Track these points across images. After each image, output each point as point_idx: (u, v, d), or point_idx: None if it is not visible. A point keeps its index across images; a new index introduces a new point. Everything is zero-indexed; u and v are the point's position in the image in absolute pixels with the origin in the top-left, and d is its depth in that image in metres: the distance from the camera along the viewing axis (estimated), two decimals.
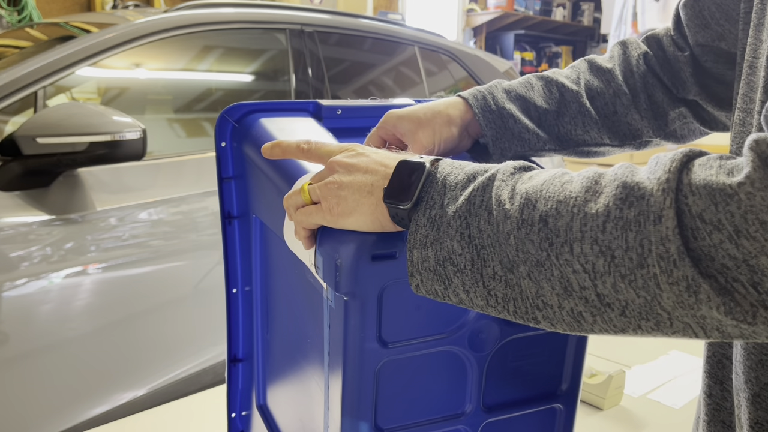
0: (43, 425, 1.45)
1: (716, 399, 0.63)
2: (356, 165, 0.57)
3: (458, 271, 0.50)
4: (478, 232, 0.48)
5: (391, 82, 2.56)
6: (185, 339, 1.70)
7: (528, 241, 0.46)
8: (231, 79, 2.20)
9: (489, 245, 0.48)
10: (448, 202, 0.51)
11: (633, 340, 1.45)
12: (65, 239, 1.48)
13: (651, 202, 0.41)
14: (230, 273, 0.86)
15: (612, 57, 0.81)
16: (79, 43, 1.70)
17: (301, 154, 0.63)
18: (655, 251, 0.40)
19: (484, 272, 0.48)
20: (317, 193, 0.58)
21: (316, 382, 0.68)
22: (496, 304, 0.49)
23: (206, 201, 1.76)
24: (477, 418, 0.67)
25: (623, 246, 0.42)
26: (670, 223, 0.40)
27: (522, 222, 0.46)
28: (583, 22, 7.04)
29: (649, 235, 0.41)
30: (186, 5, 2.02)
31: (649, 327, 0.43)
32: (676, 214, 0.40)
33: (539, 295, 0.46)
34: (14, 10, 3.29)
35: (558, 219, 0.45)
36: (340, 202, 0.56)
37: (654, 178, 0.42)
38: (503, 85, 0.77)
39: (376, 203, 0.55)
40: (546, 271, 0.45)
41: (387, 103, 0.83)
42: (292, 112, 0.81)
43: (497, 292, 0.48)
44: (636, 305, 0.42)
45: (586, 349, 0.71)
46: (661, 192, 0.41)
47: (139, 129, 1.51)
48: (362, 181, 0.56)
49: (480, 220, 0.49)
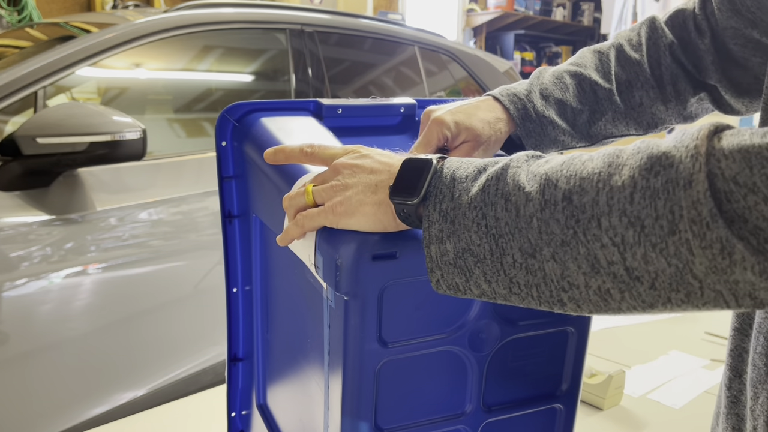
0: (43, 425, 1.45)
1: (734, 392, 0.64)
2: (361, 166, 0.57)
3: (479, 262, 0.49)
4: (495, 221, 0.48)
5: (391, 82, 2.56)
6: (185, 339, 1.70)
7: (552, 220, 0.46)
8: (231, 79, 2.20)
9: (507, 233, 0.48)
10: (460, 194, 0.51)
11: (633, 340, 1.45)
12: (65, 239, 1.48)
13: (680, 168, 0.41)
14: (230, 272, 0.86)
15: (640, 45, 0.81)
16: (79, 43, 1.70)
17: (304, 157, 0.63)
18: (686, 216, 0.40)
19: (503, 261, 0.48)
20: (322, 195, 0.58)
21: (316, 382, 0.68)
22: (519, 291, 0.49)
23: (206, 201, 1.76)
24: (477, 418, 0.67)
25: (653, 215, 0.42)
26: (701, 187, 0.40)
27: (545, 203, 0.46)
28: (583, 22, 7.03)
29: (680, 201, 0.40)
30: (186, 5, 2.02)
31: (679, 299, 0.43)
32: (707, 177, 0.40)
33: (564, 276, 0.46)
34: (14, 10, 3.29)
35: (583, 195, 0.45)
36: (343, 202, 0.56)
37: (682, 146, 0.42)
38: (539, 87, 0.77)
39: (380, 202, 0.55)
40: (572, 250, 0.45)
41: (388, 103, 0.83)
42: (293, 111, 0.81)
43: (519, 279, 0.48)
44: (666, 276, 0.42)
45: (587, 349, 0.71)
46: (690, 158, 0.41)
47: (139, 129, 1.51)
48: (367, 181, 0.56)
49: (497, 208, 0.48)
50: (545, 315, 0.67)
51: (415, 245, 0.57)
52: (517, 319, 0.66)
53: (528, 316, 0.66)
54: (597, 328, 1.50)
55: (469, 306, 0.63)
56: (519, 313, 0.66)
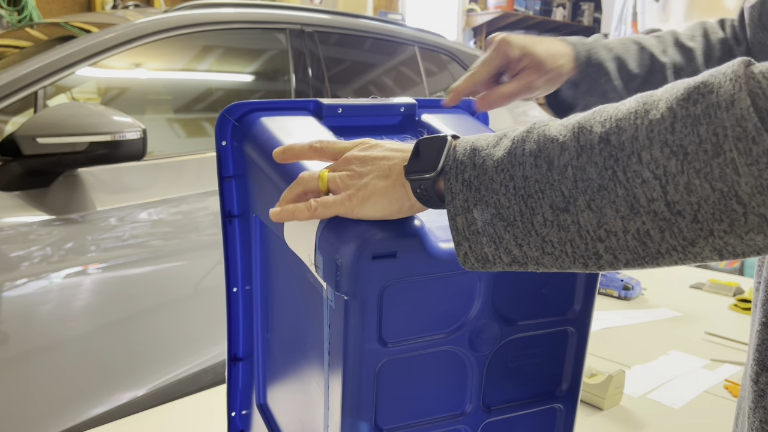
0: (43, 425, 1.45)
1: (762, 385, 0.64)
2: (372, 155, 0.57)
3: (508, 225, 0.49)
4: (523, 180, 0.48)
5: (391, 82, 2.56)
6: (185, 339, 1.70)
7: (590, 164, 0.46)
8: (231, 79, 2.20)
9: (537, 191, 0.48)
10: (483, 161, 0.51)
11: (633, 340, 1.45)
12: (65, 239, 1.48)
13: (720, 92, 0.42)
14: (230, 272, 0.86)
15: (694, 37, 0.84)
16: (79, 43, 1.70)
17: (314, 153, 0.63)
18: (731, 135, 0.41)
19: (534, 221, 0.48)
20: (336, 182, 0.58)
21: (316, 382, 0.68)
22: (552, 250, 0.48)
23: (206, 201, 1.76)
24: (477, 418, 0.67)
25: (696, 141, 0.42)
26: (743, 104, 0.41)
27: (581, 149, 0.46)
28: (583, 22, 7.03)
29: (723, 122, 0.41)
30: (186, 5, 2.02)
31: (722, 230, 0.43)
32: (749, 96, 0.41)
33: (601, 225, 0.46)
34: (14, 10, 3.29)
35: (621, 134, 0.45)
36: (360, 189, 0.56)
37: (719, 74, 0.43)
38: (605, 42, 0.79)
39: (394, 183, 0.55)
40: (610, 194, 0.45)
41: (388, 102, 0.83)
42: (293, 111, 0.81)
43: (552, 238, 0.48)
44: (710, 205, 0.42)
45: (587, 349, 0.71)
46: (729, 81, 0.42)
47: (140, 129, 1.51)
48: (380, 167, 0.56)
49: (525, 167, 0.48)
50: (545, 315, 0.67)
51: (415, 244, 0.57)
52: (517, 319, 0.66)
53: (528, 316, 0.66)
54: (597, 328, 1.50)
55: (470, 305, 0.63)
56: (519, 313, 0.66)
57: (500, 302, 0.64)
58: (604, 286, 1.75)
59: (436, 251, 0.59)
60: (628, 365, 1.33)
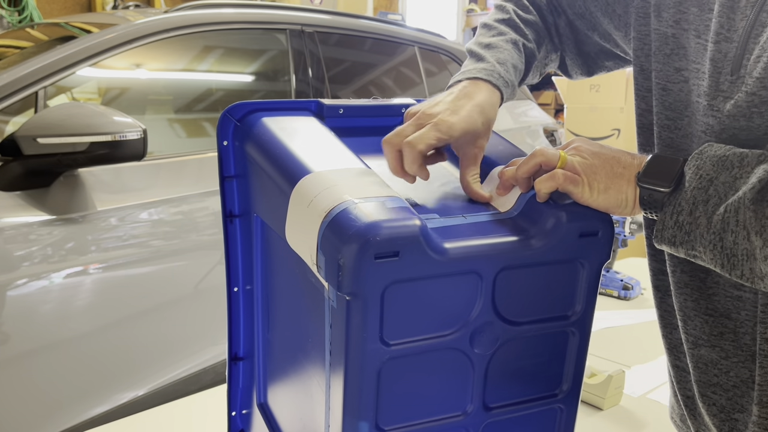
0: (43, 425, 1.45)
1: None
2: (602, 152, 0.63)
3: (706, 263, 0.59)
4: (733, 244, 0.56)
5: (391, 82, 2.56)
6: (185, 339, 1.70)
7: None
8: (231, 79, 2.20)
9: (742, 255, 0.55)
10: (700, 215, 0.58)
11: (633, 340, 1.45)
12: (66, 239, 1.48)
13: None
14: (231, 272, 0.86)
15: (527, 8, 0.89)
16: (79, 43, 1.70)
17: (540, 162, 0.65)
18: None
19: (732, 273, 0.57)
20: (575, 166, 0.63)
21: (317, 382, 0.68)
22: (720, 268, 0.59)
23: (206, 201, 1.76)
24: (478, 418, 0.67)
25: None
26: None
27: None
28: None
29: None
30: (186, 5, 2.02)
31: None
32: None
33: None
34: (15, 10, 3.30)
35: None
36: (599, 180, 0.62)
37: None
38: (504, 62, 0.81)
39: (627, 183, 0.62)
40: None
41: (389, 103, 0.83)
42: (294, 111, 0.82)
43: (746, 274, 0.57)
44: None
45: (587, 350, 0.71)
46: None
47: (140, 129, 1.51)
48: (613, 164, 0.63)
49: (737, 236, 0.55)
50: (546, 315, 0.67)
51: (417, 245, 0.57)
52: (518, 320, 0.66)
53: (529, 316, 0.66)
54: (597, 328, 1.50)
55: (471, 306, 0.63)
56: (520, 313, 0.66)
57: (501, 303, 0.64)
58: (604, 286, 1.75)
59: (438, 251, 0.59)
60: (628, 365, 1.33)
